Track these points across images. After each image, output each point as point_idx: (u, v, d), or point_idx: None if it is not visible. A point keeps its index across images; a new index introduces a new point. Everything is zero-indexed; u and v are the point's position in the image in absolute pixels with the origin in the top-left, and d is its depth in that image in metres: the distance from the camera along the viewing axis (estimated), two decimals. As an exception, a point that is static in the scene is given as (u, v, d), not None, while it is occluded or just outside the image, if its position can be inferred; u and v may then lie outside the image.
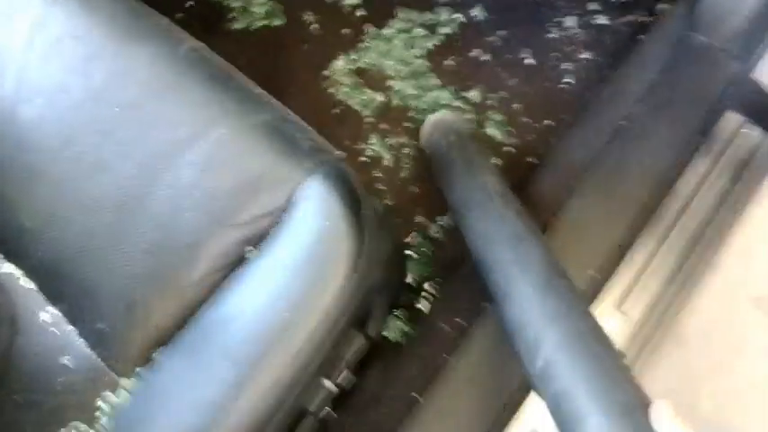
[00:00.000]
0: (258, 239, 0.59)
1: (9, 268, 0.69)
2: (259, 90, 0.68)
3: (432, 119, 0.96)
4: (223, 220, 0.59)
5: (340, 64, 1.04)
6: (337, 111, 1.01)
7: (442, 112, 0.98)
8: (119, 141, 0.62)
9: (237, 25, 1.07)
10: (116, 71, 0.64)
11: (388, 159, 0.97)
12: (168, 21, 0.71)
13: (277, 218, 0.59)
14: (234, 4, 1.09)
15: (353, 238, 0.58)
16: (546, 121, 0.98)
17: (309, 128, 0.66)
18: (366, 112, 1.01)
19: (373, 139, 0.99)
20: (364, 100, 1.02)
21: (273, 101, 0.67)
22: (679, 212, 0.80)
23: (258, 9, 1.08)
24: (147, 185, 0.61)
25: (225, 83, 0.66)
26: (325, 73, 1.04)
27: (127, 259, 0.61)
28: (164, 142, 0.61)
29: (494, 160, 0.96)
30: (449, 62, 1.03)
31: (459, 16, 1.06)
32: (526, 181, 0.90)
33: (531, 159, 0.96)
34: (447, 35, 1.05)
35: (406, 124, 1.00)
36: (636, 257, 0.78)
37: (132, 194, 0.61)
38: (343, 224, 0.57)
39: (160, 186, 0.61)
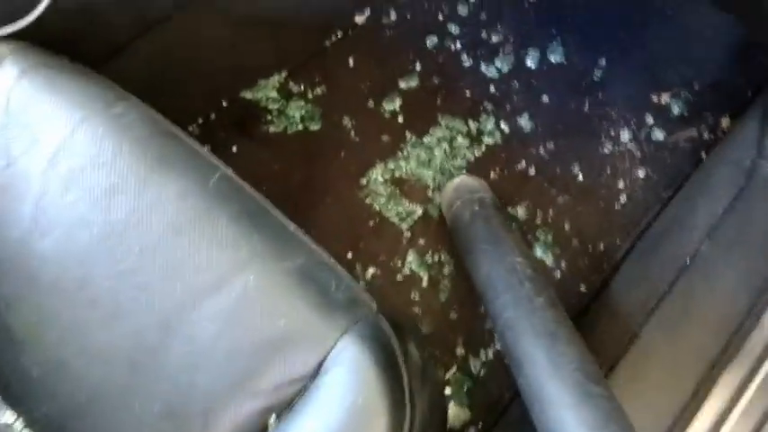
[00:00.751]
0: (282, 409, 0.53)
1: (9, 417, 0.63)
2: (293, 227, 0.63)
3: (453, 183, 0.92)
4: (244, 386, 0.53)
5: (377, 172, 1.00)
6: (373, 223, 0.96)
7: (463, 176, 0.93)
8: (137, 286, 0.58)
9: (273, 129, 1.04)
10: (139, 208, 0.60)
11: (426, 280, 0.91)
12: (199, 146, 0.67)
13: (304, 386, 0.53)
14: (271, 106, 1.06)
15: (391, 414, 0.51)
16: (599, 246, 0.92)
17: (345, 274, 0.60)
18: (404, 226, 0.96)
19: (411, 257, 0.93)
20: (402, 212, 0.96)
21: (308, 241, 0.62)
22: (754, 367, 0.72)
23: (295, 113, 1.05)
24: (164, 338, 0.55)
25: (255, 219, 0.61)
26: (363, 182, 0.99)
27: (138, 422, 0.55)
28: (185, 290, 0.56)
29: (541, 286, 0.89)
30: (493, 175, 0.98)
31: (504, 126, 1.01)
32: (579, 316, 0.83)
33: (582, 289, 0.89)
34: (491, 145, 1.00)
35: (446, 240, 0.94)
36: (705, 418, 0.70)
37: (148, 348, 0.56)
38: (379, 400, 0.51)
39: (178, 341, 0.55)
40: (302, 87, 1.07)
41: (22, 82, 0.67)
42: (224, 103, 1.06)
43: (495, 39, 1.08)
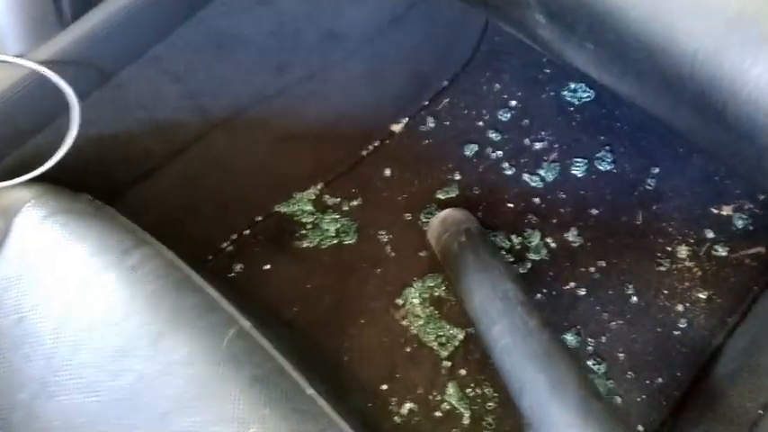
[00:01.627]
0: None
1: None
2: (310, 391, 0.58)
3: (439, 217, 0.93)
4: None
5: (415, 291, 0.95)
6: (411, 349, 0.91)
7: (449, 210, 0.94)
8: (140, 465, 0.54)
9: (307, 243, 1.01)
10: (147, 375, 0.57)
11: (467, 416, 0.85)
12: (218, 294, 0.64)
13: None
14: (305, 220, 1.03)
15: None
16: (657, 379, 0.84)
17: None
18: (443, 353, 0.90)
19: (451, 389, 0.87)
20: (441, 337, 0.91)
21: (326, 409, 0.57)
22: None
23: (330, 226, 1.02)
24: None
25: (269, 387, 0.57)
26: (399, 301, 0.95)
27: None
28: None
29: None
30: (539, 297, 0.92)
31: (551, 241, 0.96)
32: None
33: (639, 428, 0.81)
34: (537, 262, 0.95)
35: (490, 370, 0.87)
36: None
37: None
38: None
39: None
40: (338, 200, 1.04)
41: (39, 231, 0.66)
42: (258, 219, 1.04)
43: (538, 146, 1.04)
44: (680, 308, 0.88)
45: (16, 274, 0.65)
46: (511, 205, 1.00)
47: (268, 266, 1.00)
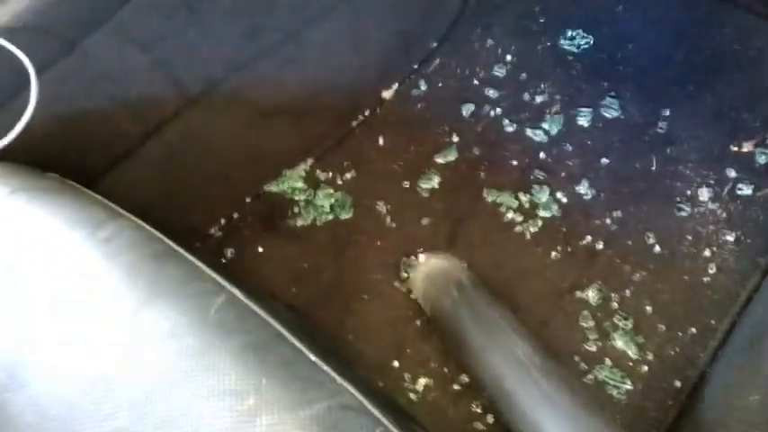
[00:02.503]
0: None
1: None
2: (313, 357, 0.52)
3: (422, 269, 0.84)
4: None
5: (420, 262, 0.89)
6: (420, 322, 0.84)
7: (428, 259, 0.85)
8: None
9: (301, 222, 0.95)
10: (128, 352, 0.50)
11: (487, 387, 0.78)
12: (203, 265, 0.58)
13: None
14: (298, 197, 0.97)
15: None
16: (690, 329, 0.77)
17: (385, 422, 0.48)
18: (455, 323, 0.83)
19: (467, 360, 0.80)
20: (452, 306, 0.84)
21: (333, 375, 0.51)
22: None
23: (324, 202, 0.96)
24: None
25: (265, 355, 0.50)
26: (404, 274, 0.88)
27: None
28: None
29: (628, 384, 0.75)
30: (554, 254, 0.85)
31: (561, 196, 0.89)
32: (679, 418, 0.69)
33: (677, 384, 0.74)
34: (548, 219, 0.88)
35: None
36: None
37: None
38: None
39: None
40: (330, 174, 0.98)
41: (3, 209, 0.60)
42: (247, 200, 0.98)
43: (539, 99, 0.98)
44: (707, 253, 0.82)
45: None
46: (515, 162, 0.94)
47: (261, 249, 0.94)
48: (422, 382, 0.80)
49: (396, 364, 0.81)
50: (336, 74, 1.00)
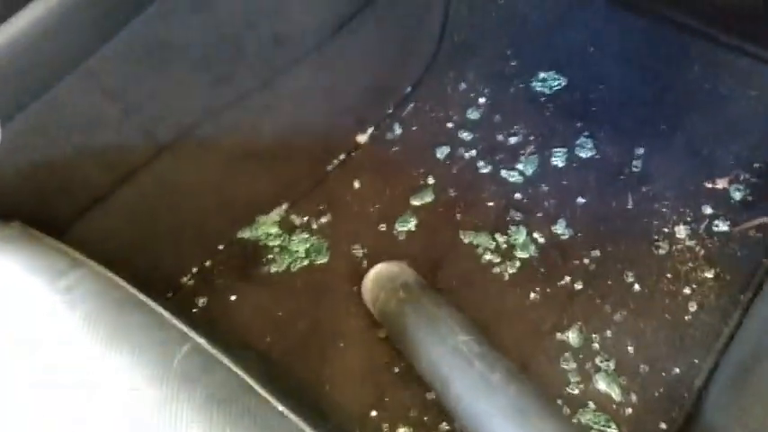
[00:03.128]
0: None
1: None
2: (281, 408, 0.50)
3: (370, 275, 0.84)
4: None
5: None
6: (399, 369, 0.82)
7: (379, 265, 0.85)
8: None
9: (275, 268, 0.93)
10: (85, 404, 0.48)
11: (468, 435, 0.76)
12: (167, 313, 0.56)
13: None
14: (272, 243, 0.96)
15: None
16: (674, 369, 0.76)
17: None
18: (435, 369, 0.81)
19: (447, 407, 0.78)
20: (431, 352, 0.82)
21: (301, 427, 0.49)
22: None
23: (298, 247, 0.94)
24: None
25: (230, 407, 0.48)
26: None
27: None
28: None
29: (613, 428, 0.73)
30: (533, 296, 0.84)
31: (538, 236, 0.89)
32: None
33: (662, 425, 0.73)
34: (526, 260, 0.88)
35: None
36: None
37: None
38: None
39: None
40: (305, 219, 0.98)
41: (-42, 260, 0.58)
42: (220, 247, 0.97)
43: (513, 141, 0.99)
44: (687, 290, 0.81)
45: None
46: (491, 204, 0.93)
47: (234, 297, 0.92)
48: (401, 431, 0.77)
49: (374, 413, 0.79)
50: (311, 119, 1.00)
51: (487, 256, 0.89)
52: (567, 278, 0.85)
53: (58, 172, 0.78)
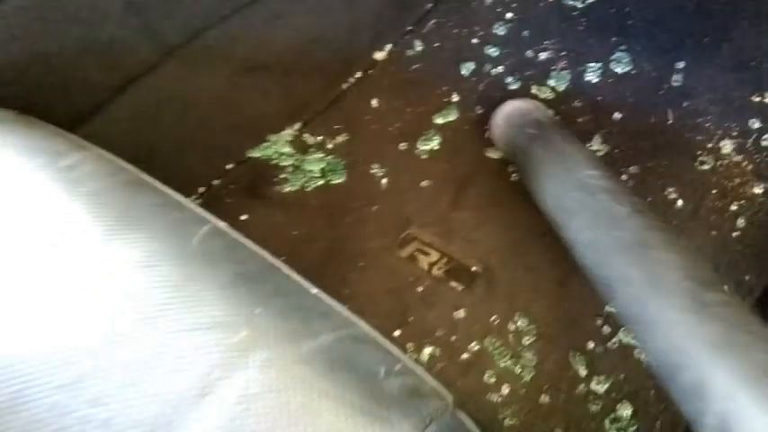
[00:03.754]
0: None
1: None
2: (315, 290, 0.45)
3: (502, 111, 0.82)
4: None
5: (419, 226, 0.81)
6: (422, 288, 0.77)
7: (511, 101, 0.83)
8: (90, 401, 0.39)
9: (289, 188, 0.87)
10: (91, 282, 0.42)
11: (501, 356, 0.71)
12: (182, 197, 0.50)
13: None
14: (284, 163, 0.90)
15: None
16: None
17: (397, 351, 0.41)
18: (460, 287, 0.76)
19: (477, 326, 0.73)
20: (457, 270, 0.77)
21: (338, 308, 0.43)
22: None
23: (313, 166, 0.88)
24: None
25: (259, 285, 0.43)
26: (404, 237, 0.81)
27: None
28: (156, 402, 0.37)
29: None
30: (568, 213, 0.78)
31: (572, 153, 0.83)
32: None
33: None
34: (559, 178, 0.81)
35: (524, 299, 0.74)
36: None
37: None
38: None
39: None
40: (320, 138, 0.91)
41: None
42: (228, 166, 0.90)
43: (543, 56, 0.92)
44: (734, 207, 0.76)
45: None
46: (521, 120, 0.87)
47: (245, 217, 0.86)
48: (427, 351, 0.72)
49: (397, 333, 0.74)
50: (326, 31, 0.93)
51: (517, 174, 0.83)
52: (605, 195, 0.79)
53: (57, 69, 0.71)
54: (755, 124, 0.80)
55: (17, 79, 0.69)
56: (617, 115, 0.85)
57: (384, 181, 0.86)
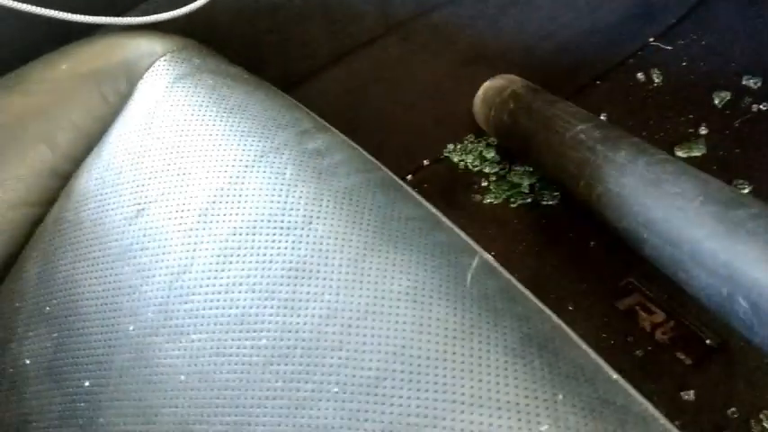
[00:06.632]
0: None
1: None
2: (615, 376, 0.34)
3: (479, 96, 0.79)
4: None
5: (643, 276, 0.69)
6: (642, 352, 0.64)
7: (486, 83, 0.80)
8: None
9: (490, 199, 0.78)
10: (337, 313, 0.34)
11: None
12: (436, 212, 0.41)
13: None
14: (487, 170, 0.80)
15: None
16: None
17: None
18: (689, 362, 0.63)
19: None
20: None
21: (646, 406, 0.33)
22: None
23: (522, 180, 0.78)
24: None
25: (548, 353, 0.33)
26: (623, 285, 0.69)
27: None
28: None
29: None
30: None
31: None
32: None
33: None
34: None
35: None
36: None
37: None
38: None
39: None
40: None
41: (176, 95, 0.45)
42: (425, 162, 0.82)
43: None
44: None
45: (139, 150, 0.43)
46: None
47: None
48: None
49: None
50: (560, 30, 0.81)
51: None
52: None
53: (282, 24, 0.65)
54: None
55: (237, 37, 0.62)
56: None
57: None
